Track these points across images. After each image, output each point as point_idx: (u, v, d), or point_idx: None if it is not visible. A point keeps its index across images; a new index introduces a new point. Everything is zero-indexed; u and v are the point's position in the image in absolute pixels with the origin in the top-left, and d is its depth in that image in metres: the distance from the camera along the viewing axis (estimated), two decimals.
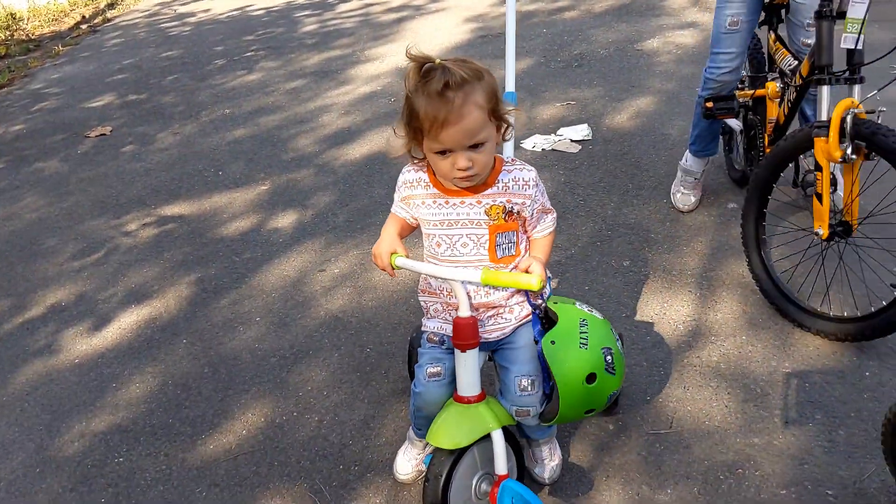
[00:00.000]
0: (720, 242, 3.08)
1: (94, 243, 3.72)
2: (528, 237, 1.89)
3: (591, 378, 1.74)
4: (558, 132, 4.23)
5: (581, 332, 1.75)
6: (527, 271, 1.77)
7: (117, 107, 5.75)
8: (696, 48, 5.28)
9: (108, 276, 3.39)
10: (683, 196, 3.38)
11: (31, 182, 4.59)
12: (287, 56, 6.48)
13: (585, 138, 4.13)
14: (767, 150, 3.07)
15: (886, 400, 2.23)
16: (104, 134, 5.18)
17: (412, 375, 2.31)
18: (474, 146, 1.64)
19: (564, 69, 5.22)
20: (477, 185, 1.76)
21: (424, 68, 1.62)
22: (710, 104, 3.09)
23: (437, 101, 1.58)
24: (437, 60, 1.62)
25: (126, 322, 3.03)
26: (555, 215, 1.90)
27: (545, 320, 1.85)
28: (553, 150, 4.05)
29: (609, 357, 1.76)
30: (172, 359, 2.77)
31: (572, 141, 4.11)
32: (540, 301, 1.87)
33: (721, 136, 3.47)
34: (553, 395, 1.78)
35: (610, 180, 3.69)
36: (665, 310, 2.72)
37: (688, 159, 3.38)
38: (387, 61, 5.94)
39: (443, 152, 1.64)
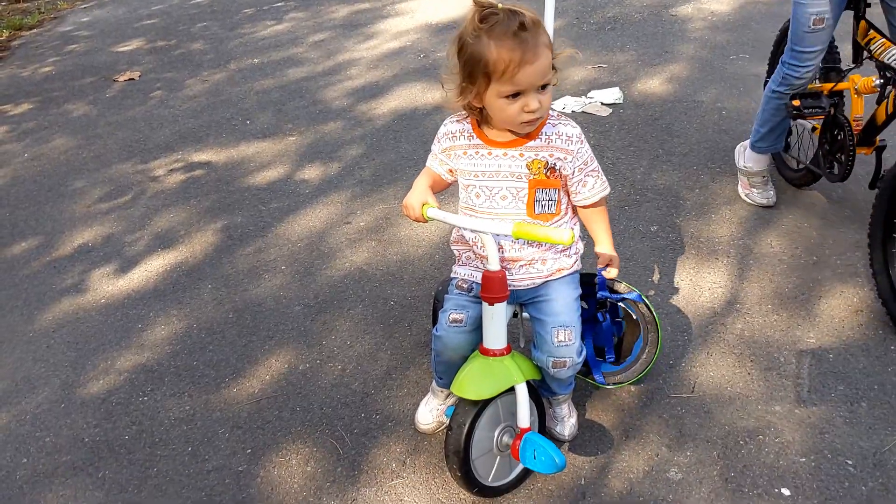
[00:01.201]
0: (749, 211, 3.05)
1: (121, 187, 3.74)
2: (572, 204, 1.88)
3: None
4: (589, 94, 4.18)
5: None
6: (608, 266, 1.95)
7: (146, 52, 5.74)
8: (731, 15, 5.19)
9: (135, 220, 3.42)
10: (761, 194, 3.11)
11: (60, 124, 4.61)
12: (315, 7, 6.43)
13: (616, 102, 4.08)
14: (861, 152, 2.79)
15: None
16: (133, 79, 5.18)
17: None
18: (542, 87, 1.64)
19: (597, 31, 5.14)
20: (518, 137, 1.75)
21: (485, 13, 1.60)
22: (796, 102, 2.83)
23: (512, 41, 1.58)
24: (500, 5, 1.61)
25: (152, 265, 3.06)
26: (605, 183, 1.87)
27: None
28: (584, 112, 4.01)
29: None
30: (197, 303, 2.79)
31: (603, 104, 4.06)
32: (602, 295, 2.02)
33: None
34: (640, 349, 2.05)
35: (640, 145, 3.64)
36: (691, 276, 2.70)
37: (748, 159, 3.13)
38: (416, 17, 5.88)
39: (514, 95, 1.63)
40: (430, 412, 2.12)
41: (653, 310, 2.06)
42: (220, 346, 2.56)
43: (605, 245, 1.94)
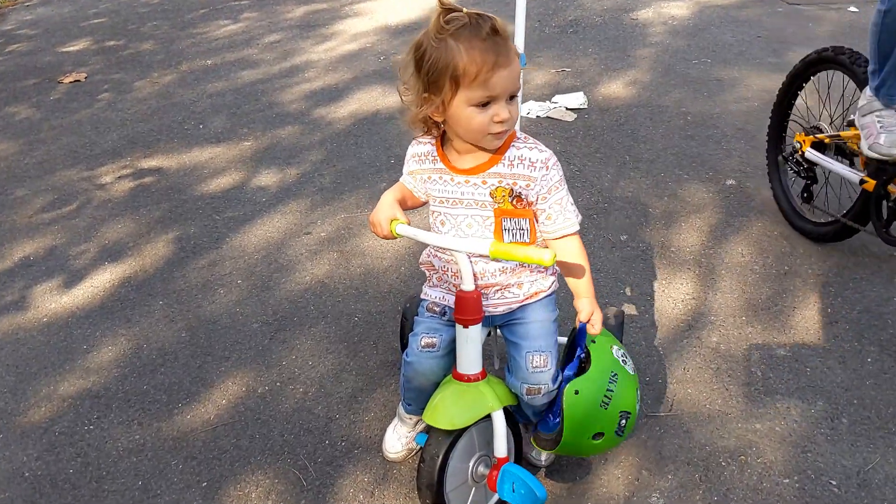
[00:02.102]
0: (718, 219, 3.00)
1: (66, 195, 3.54)
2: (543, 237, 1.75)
3: (598, 436, 1.75)
4: (553, 99, 4.10)
5: (608, 389, 1.72)
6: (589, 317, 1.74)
7: (93, 52, 5.52)
8: (690, 20, 5.17)
9: (80, 231, 3.23)
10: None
11: (1, 128, 4.37)
12: (271, 7, 6.26)
13: (581, 107, 4.01)
14: None
15: (889, 389, 2.17)
16: (79, 80, 4.96)
17: (404, 349, 2.21)
18: (510, 98, 1.55)
19: (559, 35, 5.08)
20: (480, 163, 1.65)
21: (451, 16, 1.49)
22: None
23: (486, 44, 1.48)
24: (465, 10, 1.51)
25: (99, 280, 2.88)
26: (569, 220, 1.68)
27: (584, 360, 1.78)
28: (548, 117, 3.93)
29: (624, 421, 1.76)
30: (148, 321, 2.63)
31: (567, 109, 3.98)
32: (580, 348, 1.79)
33: (776, 169, 2.99)
34: (557, 433, 1.75)
35: (606, 151, 3.58)
36: (663, 288, 2.63)
37: (873, 108, 2.49)
38: (375, 18, 5.76)
39: (484, 104, 1.52)
40: (399, 439, 2.00)
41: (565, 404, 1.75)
42: (173, 368, 2.40)
43: (582, 295, 1.73)
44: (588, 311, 1.72)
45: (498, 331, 1.90)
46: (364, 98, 4.34)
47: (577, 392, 1.69)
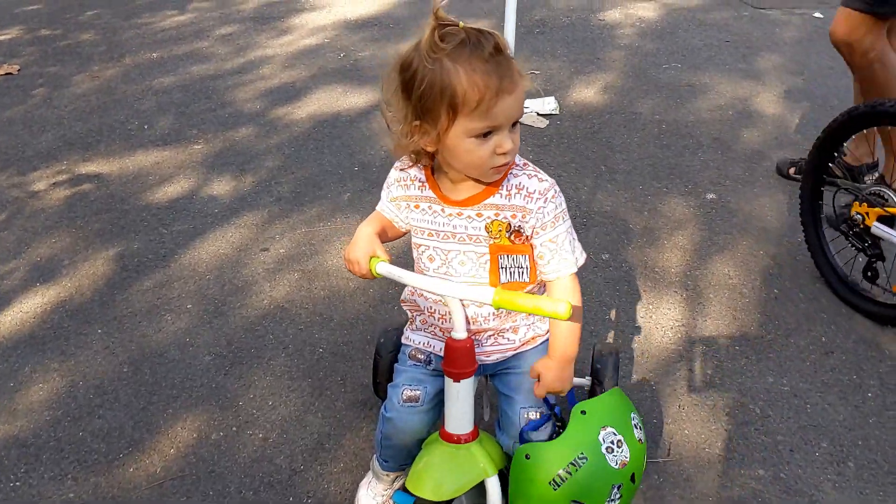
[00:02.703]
0: (701, 237, 2.85)
1: None
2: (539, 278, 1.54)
3: None
4: (524, 104, 3.91)
5: (566, 470, 1.41)
6: (538, 377, 1.46)
7: (26, 42, 5.14)
8: (658, 23, 5.04)
9: (8, 247, 2.91)
10: None
11: None
12: None
13: (553, 112, 3.82)
14: None
15: (893, 428, 2.03)
16: (10, 73, 4.59)
17: (377, 389, 1.99)
18: (513, 124, 1.35)
19: (526, 35, 4.89)
20: (475, 194, 1.45)
21: (446, 31, 1.28)
22: None
23: (488, 66, 1.28)
24: (461, 24, 1.30)
25: (28, 305, 2.58)
26: (567, 261, 1.48)
27: (558, 426, 1.51)
28: (520, 122, 3.73)
29: None
30: (85, 354, 2.35)
31: (539, 115, 3.80)
32: (555, 404, 1.53)
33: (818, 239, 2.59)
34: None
35: (581, 161, 3.40)
36: (651, 313, 2.47)
37: None
38: (333, 11, 5.49)
39: (486, 134, 1.32)
40: (374, 498, 1.78)
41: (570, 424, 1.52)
42: (113, 410, 2.14)
43: (554, 355, 1.49)
44: (551, 379, 1.45)
45: (486, 378, 1.70)
46: (324, 98, 4.09)
47: (527, 457, 1.42)
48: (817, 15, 5.18)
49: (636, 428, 1.54)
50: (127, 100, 4.13)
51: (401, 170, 1.53)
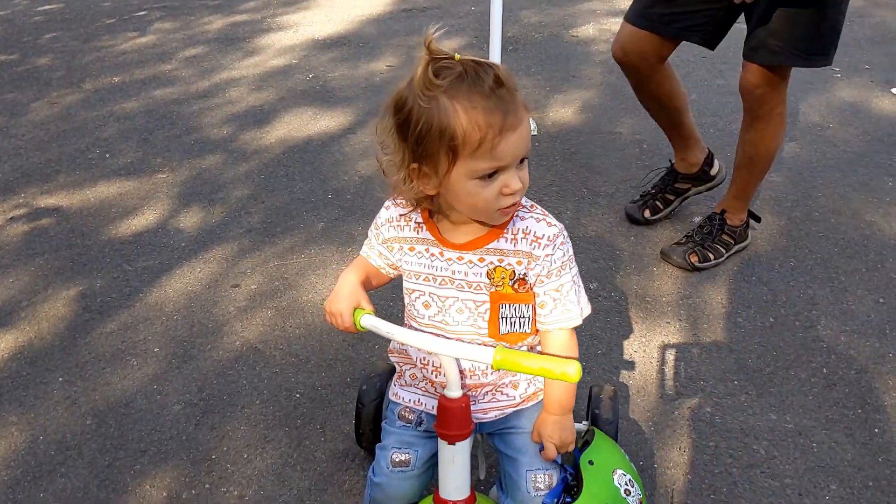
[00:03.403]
0: None
1: None
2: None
3: None
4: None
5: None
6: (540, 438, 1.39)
7: None
8: None
9: None
10: None
11: None
12: (185, 18, 5.79)
13: (532, 133, 3.73)
14: None
15: None
16: None
17: (359, 440, 1.87)
18: (520, 161, 1.25)
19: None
20: (478, 237, 1.34)
21: (441, 65, 1.16)
22: None
23: (489, 102, 1.17)
24: (457, 56, 1.19)
25: None
26: (571, 312, 1.39)
27: (573, 483, 1.43)
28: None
29: None
30: (45, 405, 2.18)
31: None
32: (566, 468, 1.45)
33: None
34: None
35: (562, 184, 3.31)
36: (644, 346, 2.36)
37: None
38: (300, 31, 5.37)
39: (491, 174, 1.21)
40: None
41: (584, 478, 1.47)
42: (76, 467, 1.97)
43: (551, 411, 1.41)
44: (555, 436, 1.38)
45: (482, 435, 1.58)
46: (294, 122, 3.95)
47: (591, 462, 1.38)
48: None
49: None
50: (87, 127, 3.96)
51: (393, 208, 1.41)
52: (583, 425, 1.88)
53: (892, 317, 2.47)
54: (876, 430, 2.07)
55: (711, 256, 2.68)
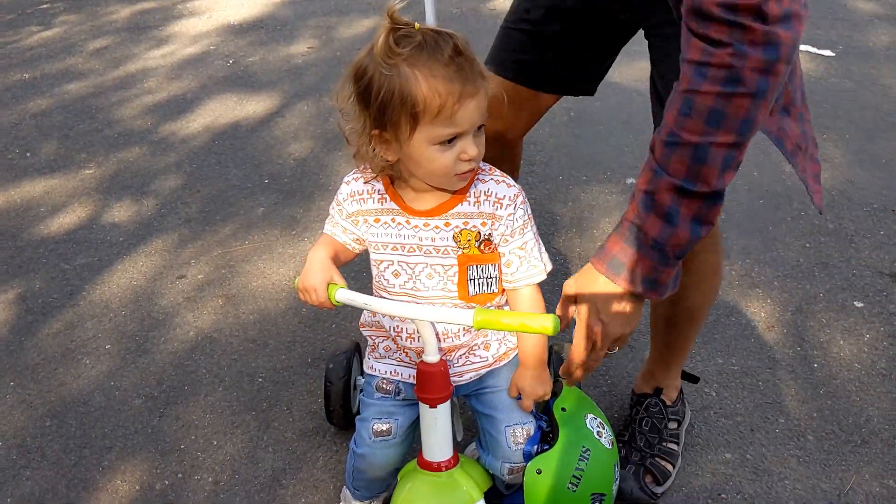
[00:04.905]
0: None
1: None
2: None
3: None
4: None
5: (577, 468, 1.42)
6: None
7: None
8: None
9: None
10: None
11: None
12: (91, 9, 5.57)
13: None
14: None
15: (842, 395, 2.09)
16: None
17: (330, 417, 1.89)
18: (478, 128, 1.28)
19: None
20: (441, 203, 1.37)
21: (401, 35, 1.19)
22: None
23: (448, 70, 1.20)
24: (417, 25, 1.21)
25: None
26: (536, 268, 1.44)
27: (548, 431, 1.48)
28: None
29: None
30: None
31: None
32: (541, 416, 1.50)
33: None
34: None
35: None
36: None
37: None
38: (214, 16, 5.25)
39: (450, 140, 1.24)
40: None
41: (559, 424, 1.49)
42: (41, 469, 1.93)
43: (528, 365, 1.45)
44: (533, 387, 1.44)
45: (457, 397, 1.62)
46: (218, 109, 3.88)
47: (539, 472, 1.41)
48: None
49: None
50: (2, 126, 3.79)
51: (354, 182, 1.43)
52: None
53: (819, 260, 2.62)
54: (815, 366, 2.20)
55: (669, 467, 1.86)
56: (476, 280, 1.41)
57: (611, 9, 1.60)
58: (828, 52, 4.33)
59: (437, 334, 1.38)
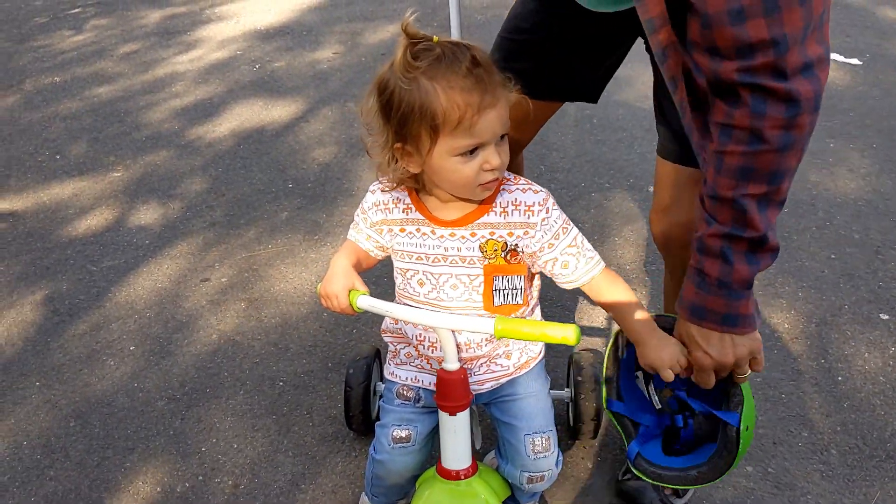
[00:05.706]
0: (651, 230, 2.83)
1: None
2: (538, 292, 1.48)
3: None
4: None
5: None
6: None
7: None
8: None
9: None
10: None
11: None
12: (121, 12, 5.66)
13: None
14: None
15: (866, 408, 2.06)
16: None
17: (350, 423, 1.90)
18: (500, 137, 1.28)
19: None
20: (467, 213, 1.37)
21: (419, 48, 1.20)
22: None
23: (467, 82, 1.21)
24: (436, 38, 1.22)
25: None
26: (593, 260, 1.42)
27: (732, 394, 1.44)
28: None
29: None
30: (24, 410, 2.16)
31: None
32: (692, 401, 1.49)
33: None
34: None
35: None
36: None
37: None
38: (241, 22, 5.30)
39: (471, 151, 1.24)
40: None
41: (741, 446, 1.44)
42: (65, 469, 1.96)
43: (646, 339, 1.38)
44: (668, 359, 1.35)
45: (477, 406, 1.62)
46: (245, 113, 3.92)
47: (747, 428, 1.40)
48: None
49: None
50: (33, 128, 3.86)
51: (379, 192, 1.44)
52: (565, 392, 1.95)
53: (845, 271, 2.59)
54: (839, 378, 2.17)
55: None
56: (501, 291, 1.41)
57: (601, 15, 1.61)
58: (855, 61, 4.28)
59: (458, 344, 1.38)
